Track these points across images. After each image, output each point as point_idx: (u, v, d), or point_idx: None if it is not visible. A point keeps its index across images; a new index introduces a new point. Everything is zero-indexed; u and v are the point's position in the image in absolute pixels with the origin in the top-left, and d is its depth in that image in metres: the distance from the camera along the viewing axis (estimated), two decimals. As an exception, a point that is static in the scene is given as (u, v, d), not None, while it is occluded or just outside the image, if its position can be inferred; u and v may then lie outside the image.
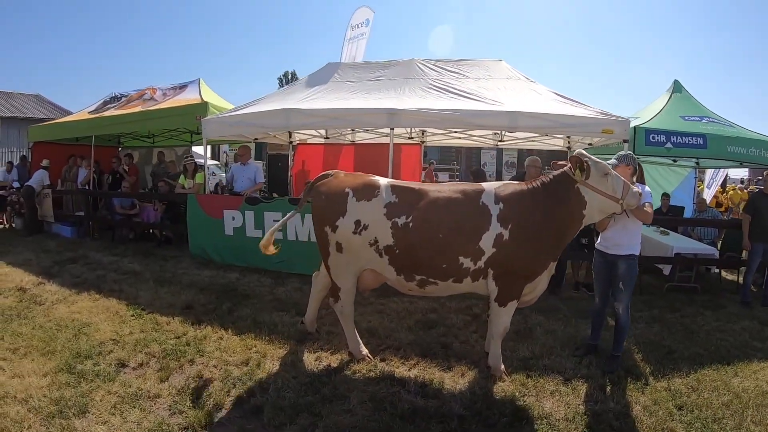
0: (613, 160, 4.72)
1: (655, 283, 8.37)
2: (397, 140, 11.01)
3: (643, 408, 4.24)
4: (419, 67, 8.78)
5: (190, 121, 10.32)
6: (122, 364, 4.87)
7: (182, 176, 10.89)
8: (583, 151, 4.34)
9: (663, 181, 12.32)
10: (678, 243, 8.45)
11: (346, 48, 14.14)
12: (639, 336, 5.85)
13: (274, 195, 9.83)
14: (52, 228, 12.90)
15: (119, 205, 11.80)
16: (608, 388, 4.56)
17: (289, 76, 54.41)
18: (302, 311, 6.06)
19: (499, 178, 22.75)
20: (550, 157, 9.43)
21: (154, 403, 4.16)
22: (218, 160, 21.36)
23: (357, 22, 14.31)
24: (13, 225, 14.11)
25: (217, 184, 16.01)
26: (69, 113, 30.35)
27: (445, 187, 4.81)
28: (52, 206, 12.73)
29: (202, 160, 10.73)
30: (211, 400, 4.14)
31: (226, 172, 18.08)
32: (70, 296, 7.12)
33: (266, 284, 7.57)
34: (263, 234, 7.94)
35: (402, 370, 4.78)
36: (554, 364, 4.94)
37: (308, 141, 11.80)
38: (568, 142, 9.87)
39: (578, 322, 6.13)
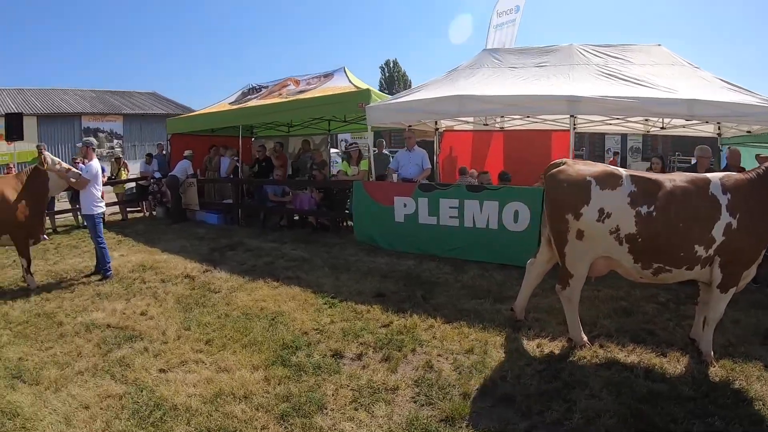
0: None
1: None
2: (544, 126, 10.71)
3: None
4: (581, 53, 8.46)
5: (350, 108, 10.32)
6: (338, 355, 4.79)
7: (345, 163, 10.92)
8: None
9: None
10: None
11: (492, 34, 13.83)
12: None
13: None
14: (196, 216, 13.38)
15: (272, 192, 11.95)
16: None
17: (391, 65, 54.61)
18: (499, 298, 6.04)
19: (623, 164, 21.89)
20: (695, 142, 8.88)
21: (396, 395, 4.04)
22: (338, 148, 21.53)
23: (504, 9, 13.96)
24: (154, 213, 14.70)
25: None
26: (186, 108, 32.19)
27: (676, 177, 4.77)
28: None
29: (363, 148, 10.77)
30: (455, 390, 4.01)
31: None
32: (245, 284, 7.17)
33: (447, 272, 7.36)
34: (437, 221, 8.00)
35: (621, 355, 4.61)
36: (751, 352, 4.73)
37: (455, 128, 11.58)
38: (719, 129, 9.35)
39: (756, 312, 5.76)
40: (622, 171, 4.74)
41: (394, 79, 53.03)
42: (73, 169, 7.92)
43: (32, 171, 7.66)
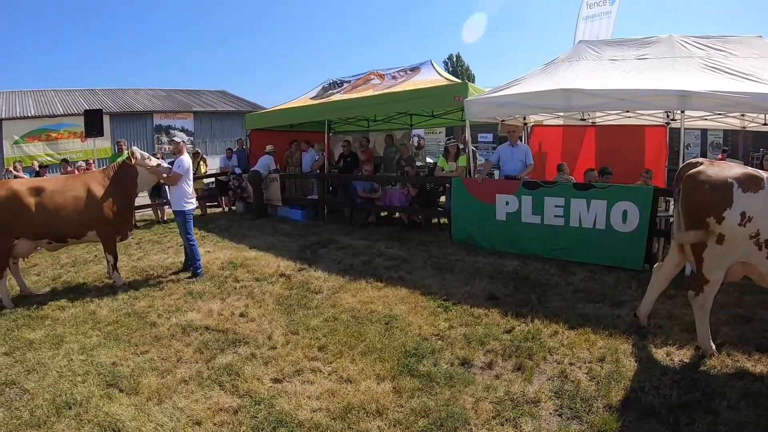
0: None
1: None
2: (637, 121, 10.48)
3: None
4: (682, 45, 8.17)
5: (445, 101, 10.16)
6: (467, 364, 4.64)
7: (442, 158, 10.70)
8: None
9: None
10: None
11: (581, 26, 13.57)
12: None
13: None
14: (278, 211, 13.48)
15: (361, 189, 11.94)
16: None
17: (454, 59, 54.02)
18: (616, 303, 5.98)
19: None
20: None
21: (538, 408, 3.91)
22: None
23: (594, 1, 13.64)
24: (233, 208, 15.00)
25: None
26: (255, 105, 32.87)
27: None
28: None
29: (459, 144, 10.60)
30: (598, 402, 3.95)
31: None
32: (347, 284, 7.06)
33: (554, 273, 7.22)
34: (541, 220, 7.86)
35: (749, 365, 4.47)
36: None
37: (544, 123, 11.39)
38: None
39: None
40: (763, 174, 4.60)
41: (457, 74, 52.50)
42: (164, 164, 7.93)
43: (120, 166, 7.62)
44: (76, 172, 13.58)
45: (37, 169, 14.24)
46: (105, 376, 4.63)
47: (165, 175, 7.78)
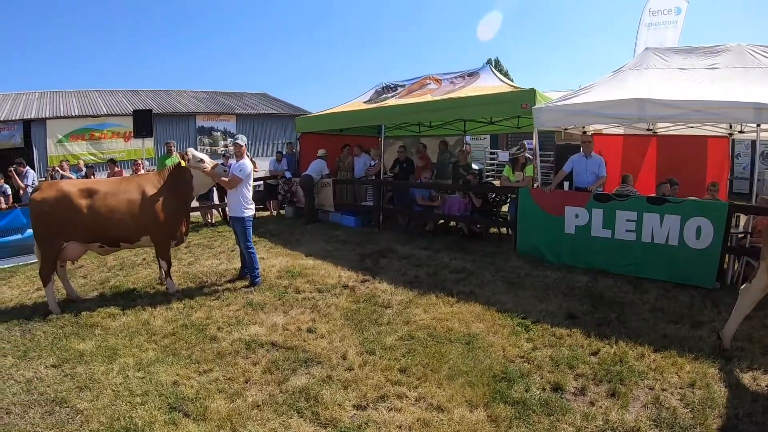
0: None
1: None
2: (699, 132, 10.34)
3: None
4: (751, 54, 8.07)
5: (511, 109, 9.93)
6: (559, 389, 4.51)
7: (508, 168, 10.56)
8: None
9: None
10: None
11: (643, 33, 13.46)
12: None
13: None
14: (329, 217, 13.35)
15: (420, 196, 11.66)
16: None
17: (492, 62, 53.47)
18: (694, 323, 5.93)
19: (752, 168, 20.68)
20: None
21: None
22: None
23: (659, 8, 13.51)
24: (281, 212, 14.94)
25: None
26: (298, 108, 33.24)
27: None
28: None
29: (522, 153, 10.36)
30: (697, 430, 3.97)
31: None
32: (416, 298, 6.90)
33: (627, 290, 7.12)
34: (612, 234, 7.79)
35: None
36: None
37: (603, 131, 11.21)
38: None
39: None
40: None
41: (497, 79, 51.98)
42: (220, 165, 7.64)
43: (175, 168, 7.42)
44: (124, 172, 13.88)
45: (84, 169, 14.53)
46: (167, 398, 4.41)
47: (224, 179, 7.51)
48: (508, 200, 10.67)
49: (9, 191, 12.07)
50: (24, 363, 5.23)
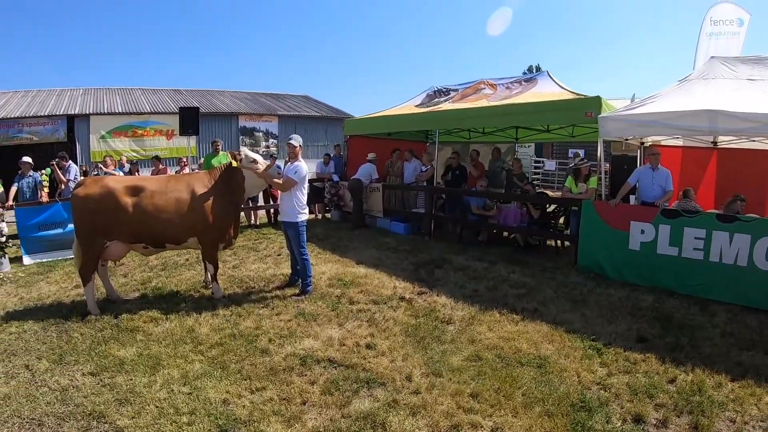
0: None
1: None
2: (760, 146, 10.18)
3: None
4: None
5: (574, 116, 9.65)
6: (640, 420, 4.33)
7: (570, 179, 10.44)
8: None
9: None
10: None
11: (704, 42, 13.29)
12: None
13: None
14: (376, 222, 13.27)
15: (475, 205, 11.45)
16: None
17: (533, 70, 53.05)
18: (767, 350, 5.76)
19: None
20: None
21: None
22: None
23: (720, 18, 13.30)
24: (327, 216, 14.91)
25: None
26: (340, 111, 33.64)
27: None
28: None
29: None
30: None
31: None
32: (479, 314, 6.72)
33: (695, 312, 6.95)
34: (679, 252, 7.60)
35: None
36: None
37: (662, 143, 11.01)
38: None
39: None
40: None
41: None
42: (275, 167, 7.39)
43: (226, 169, 7.24)
44: (168, 170, 14.02)
45: (127, 165, 14.82)
46: (216, 418, 4.11)
47: (278, 181, 7.26)
48: (566, 212, 10.60)
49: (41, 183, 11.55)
50: (59, 368, 5.06)
